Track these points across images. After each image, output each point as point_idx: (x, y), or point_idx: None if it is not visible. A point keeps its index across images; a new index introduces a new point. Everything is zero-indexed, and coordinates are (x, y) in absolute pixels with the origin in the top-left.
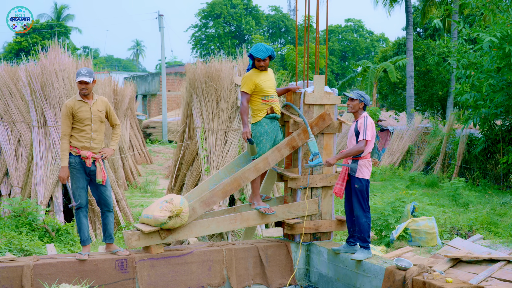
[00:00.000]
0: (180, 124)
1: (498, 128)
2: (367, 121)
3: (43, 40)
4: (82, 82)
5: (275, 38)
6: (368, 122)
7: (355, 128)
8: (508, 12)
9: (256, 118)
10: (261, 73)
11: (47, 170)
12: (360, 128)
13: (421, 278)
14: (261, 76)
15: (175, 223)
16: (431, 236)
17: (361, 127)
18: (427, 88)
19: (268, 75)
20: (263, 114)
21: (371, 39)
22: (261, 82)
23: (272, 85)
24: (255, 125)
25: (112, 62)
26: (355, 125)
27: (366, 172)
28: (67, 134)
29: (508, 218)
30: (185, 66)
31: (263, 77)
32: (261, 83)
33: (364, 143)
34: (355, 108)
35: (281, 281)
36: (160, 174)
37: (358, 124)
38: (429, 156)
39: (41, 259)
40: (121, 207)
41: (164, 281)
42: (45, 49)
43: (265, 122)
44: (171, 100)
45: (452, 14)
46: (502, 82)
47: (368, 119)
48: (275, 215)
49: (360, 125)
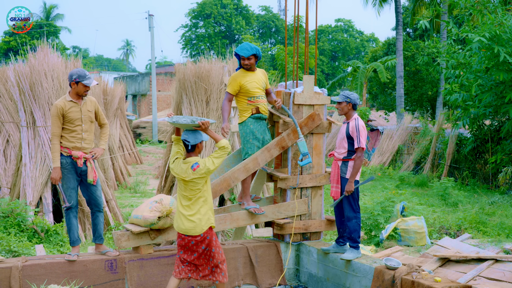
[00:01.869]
0: (170, 124)
1: (487, 128)
2: (359, 124)
3: (32, 40)
4: (87, 86)
5: (265, 38)
6: (360, 126)
7: (346, 131)
8: (496, 13)
9: (242, 118)
10: (247, 74)
11: (36, 171)
12: (353, 134)
13: (410, 278)
14: (247, 77)
15: (164, 224)
16: (420, 236)
17: (354, 132)
18: (416, 88)
19: (255, 76)
20: (248, 114)
21: (361, 39)
22: (246, 83)
23: (259, 86)
24: (241, 125)
25: (102, 62)
26: (346, 127)
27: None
28: (57, 135)
29: (496, 218)
30: (175, 66)
31: (249, 78)
32: (246, 84)
33: (361, 152)
34: (344, 110)
35: (271, 281)
36: (150, 174)
37: (350, 128)
38: (418, 156)
39: (30, 260)
40: (111, 208)
41: (154, 281)
42: (34, 49)
43: (250, 122)
44: (161, 100)
45: (441, 15)
46: (490, 83)
47: (359, 122)
48: (265, 215)
49: (352, 130)
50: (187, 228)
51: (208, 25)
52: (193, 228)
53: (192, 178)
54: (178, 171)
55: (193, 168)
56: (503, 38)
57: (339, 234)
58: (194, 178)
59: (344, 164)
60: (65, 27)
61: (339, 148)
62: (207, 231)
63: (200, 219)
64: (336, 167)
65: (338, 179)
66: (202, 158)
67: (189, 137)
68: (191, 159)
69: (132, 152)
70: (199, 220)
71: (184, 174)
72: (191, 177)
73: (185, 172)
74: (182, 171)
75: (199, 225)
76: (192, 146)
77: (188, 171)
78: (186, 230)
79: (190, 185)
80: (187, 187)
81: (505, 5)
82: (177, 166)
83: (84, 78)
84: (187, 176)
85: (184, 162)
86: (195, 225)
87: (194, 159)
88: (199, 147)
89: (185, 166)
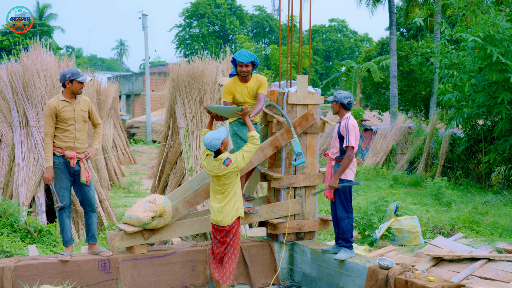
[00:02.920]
0: (164, 124)
1: (480, 128)
2: (349, 123)
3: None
4: (82, 83)
5: (259, 38)
6: (350, 125)
7: (338, 131)
8: (489, 13)
9: (231, 118)
10: (239, 85)
11: (29, 171)
12: (343, 132)
13: (404, 277)
14: (238, 88)
15: (158, 223)
16: (413, 235)
17: (344, 131)
18: (410, 88)
19: (247, 87)
20: (236, 117)
21: (355, 39)
22: (236, 94)
23: (249, 96)
24: (230, 124)
25: (96, 61)
26: (338, 127)
27: (350, 173)
28: (50, 134)
29: (489, 217)
30: (168, 66)
31: (240, 89)
32: (236, 95)
33: (351, 150)
34: (335, 109)
35: (264, 281)
36: (144, 174)
37: (341, 127)
38: (412, 155)
39: (23, 260)
40: (104, 208)
41: (147, 281)
42: (27, 48)
43: (235, 124)
44: (155, 100)
45: (435, 15)
46: (483, 82)
47: (350, 121)
48: (259, 215)
49: (342, 129)
50: (218, 220)
51: (202, 25)
52: (222, 219)
53: (226, 173)
54: (210, 168)
55: (226, 164)
56: (496, 38)
57: (336, 234)
58: (228, 173)
59: (337, 164)
60: (59, 27)
61: (332, 148)
62: (235, 221)
63: (229, 211)
64: (330, 167)
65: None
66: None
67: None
68: (222, 156)
69: (126, 152)
70: (229, 212)
71: (217, 171)
72: (224, 172)
73: (217, 168)
74: (215, 168)
75: (228, 216)
76: (216, 152)
77: (221, 167)
78: (217, 222)
79: (223, 179)
80: (220, 182)
81: (498, 5)
82: (209, 163)
83: (78, 75)
84: (220, 172)
85: (216, 160)
86: (224, 215)
87: (225, 155)
88: (224, 145)
89: (217, 163)
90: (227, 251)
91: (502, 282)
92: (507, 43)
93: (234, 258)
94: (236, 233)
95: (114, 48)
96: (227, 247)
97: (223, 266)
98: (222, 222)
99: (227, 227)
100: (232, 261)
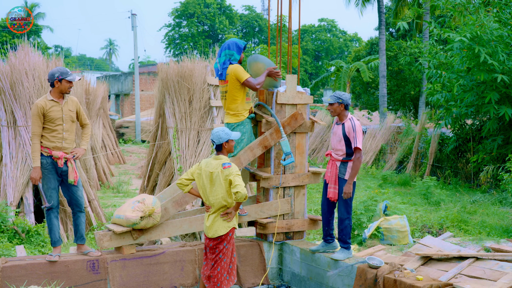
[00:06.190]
0: (153, 124)
1: (469, 128)
2: (355, 124)
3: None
4: (71, 82)
5: (249, 37)
6: (357, 126)
7: (343, 132)
8: (478, 13)
9: (240, 118)
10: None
11: (17, 171)
12: (349, 134)
13: (392, 276)
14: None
15: (147, 223)
16: (402, 235)
17: (351, 133)
18: (399, 88)
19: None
20: (247, 114)
21: (344, 39)
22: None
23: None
24: (239, 125)
25: (85, 61)
26: (342, 128)
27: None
28: (38, 134)
29: (477, 216)
30: (157, 65)
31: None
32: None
33: (360, 152)
34: (337, 111)
35: (254, 281)
36: (133, 174)
37: (346, 128)
38: (401, 155)
39: (10, 261)
40: (93, 208)
41: (137, 281)
42: (14, 47)
43: (247, 122)
44: (144, 99)
45: (423, 15)
46: (472, 82)
47: (355, 122)
48: (248, 216)
49: (348, 131)
50: (208, 231)
51: (192, 25)
52: (215, 231)
53: (219, 175)
54: (206, 167)
55: (224, 167)
56: (484, 39)
57: (324, 232)
58: (221, 176)
59: (343, 165)
60: (47, 26)
61: (336, 150)
62: (229, 231)
63: (221, 223)
64: (334, 168)
65: (336, 180)
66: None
67: (214, 136)
68: (224, 157)
69: (115, 151)
70: (222, 223)
71: (213, 169)
72: (218, 171)
73: (215, 167)
74: (212, 166)
75: (221, 227)
76: (218, 146)
77: (219, 167)
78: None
79: (216, 183)
80: (212, 187)
81: (485, 6)
82: (206, 165)
83: (67, 75)
84: (215, 170)
85: (216, 159)
86: (216, 228)
87: (227, 159)
88: (229, 145)
89: (217, 163)
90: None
91: (490, 280)
92: (495, 44)
93: (227, 260)
94: (229, 242)
95: (103, 48)
96: (218, 254)
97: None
98: (215, 234)
99: (219, 238)
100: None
